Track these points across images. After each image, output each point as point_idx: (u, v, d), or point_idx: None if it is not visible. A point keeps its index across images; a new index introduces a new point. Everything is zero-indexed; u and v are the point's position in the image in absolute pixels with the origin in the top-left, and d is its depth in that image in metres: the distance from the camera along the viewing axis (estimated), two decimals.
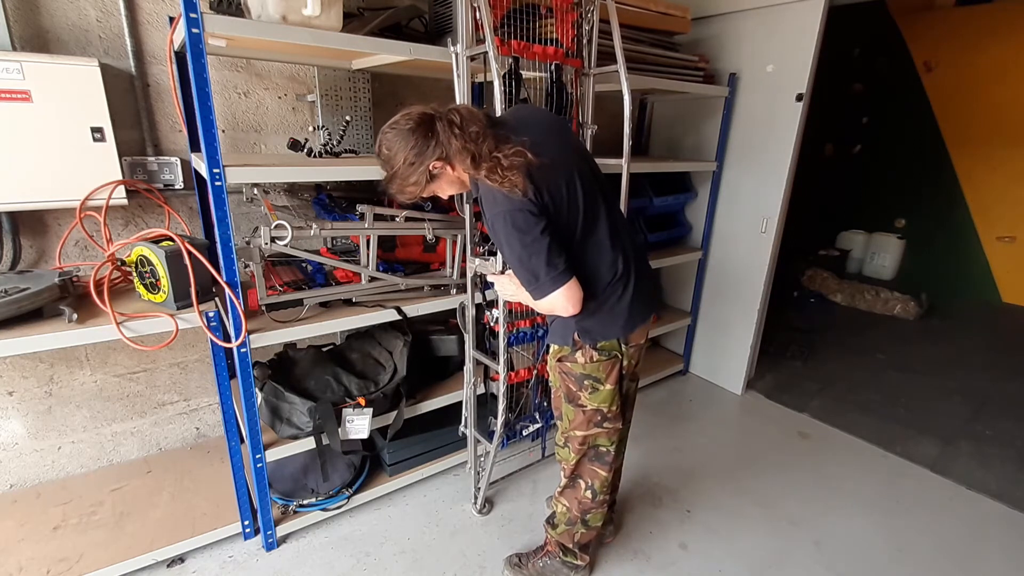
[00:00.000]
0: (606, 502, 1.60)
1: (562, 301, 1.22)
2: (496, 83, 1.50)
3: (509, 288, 1.44)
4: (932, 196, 4.89)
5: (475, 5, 1.51)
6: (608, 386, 1.39)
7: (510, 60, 1.58)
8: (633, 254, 1.37)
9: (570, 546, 1.64)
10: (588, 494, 1.54)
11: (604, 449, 1.51)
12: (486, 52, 1.50)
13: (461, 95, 1.61)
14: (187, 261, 1.38)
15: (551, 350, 1.46)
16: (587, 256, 1.29)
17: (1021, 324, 4.23)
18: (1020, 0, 4.12)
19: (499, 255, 1.63)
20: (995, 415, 2.80)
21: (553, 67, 1.72)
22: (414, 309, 1.83)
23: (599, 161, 1.95)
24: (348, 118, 2.04)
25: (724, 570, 1.78)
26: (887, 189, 5.19)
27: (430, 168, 1.20)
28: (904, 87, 4.90)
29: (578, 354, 1.37)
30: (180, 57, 1.66)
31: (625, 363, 1.42)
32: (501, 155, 1.16)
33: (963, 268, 4.79)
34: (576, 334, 1.35)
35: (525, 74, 1.64)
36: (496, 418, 1.83)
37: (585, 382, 1.39)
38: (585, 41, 1.79)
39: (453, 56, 1.61)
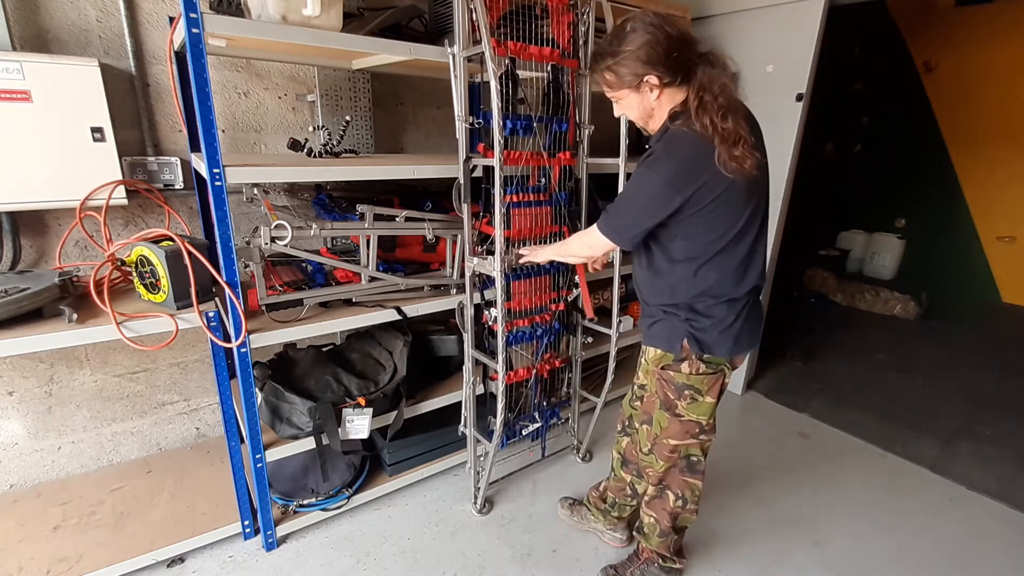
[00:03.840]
0: (696, 509, 1.58)
1: (601, 246, 1.37)
2: (492, 83, 1.50)
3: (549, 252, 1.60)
4: (932, 196, 4.89)
5: (471, 6, 1.51)
6: (709, 399, 1.36)
7: (507, 61, 1.58)
8: (760, 284, 1.36)
9: (667, 555, 1.62)
10: (679, 504, 1.53)
11: (695, 459, 1.50)
12: (482, 53, 1.51)
13: (458, 95, 1.62)
14: (187, 261, 1.38)
15: (651, 354, 1.43)
16: (726, 260, 1.28)
17: (1021, 324, 4.23)
18: (1020, 0, 4.12)
19: (497, 255, 1.64)
20: (995, 415, 2.80)
21: (550, 68, 1.72)
22: (414, 309, 1.83)
23: (596, 161, 1.97)
24: (348, 118, 2.04)
25: (724, 570, 1.78)
26: (887, 189, 5.18)
27: (647, 76, 1.19)
28: (904, 87, 4.90)
29: (684, 364, 1.34)
30: (180, 57, 1.66)
31: (727, 380, 1.39)
32: (727, 115, 1.15)
33: (963, 268, 4.79)
34: (686, 340, 1.32)
35: (522, 74, 1.64)
36: (495, 417, 1.83)
37: (685, 392, 1.36)
38: (581, 42, 1.79)
39: (450, 57, 1.61)
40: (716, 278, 1.28)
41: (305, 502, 1.87)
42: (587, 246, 1.45)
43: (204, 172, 1.38)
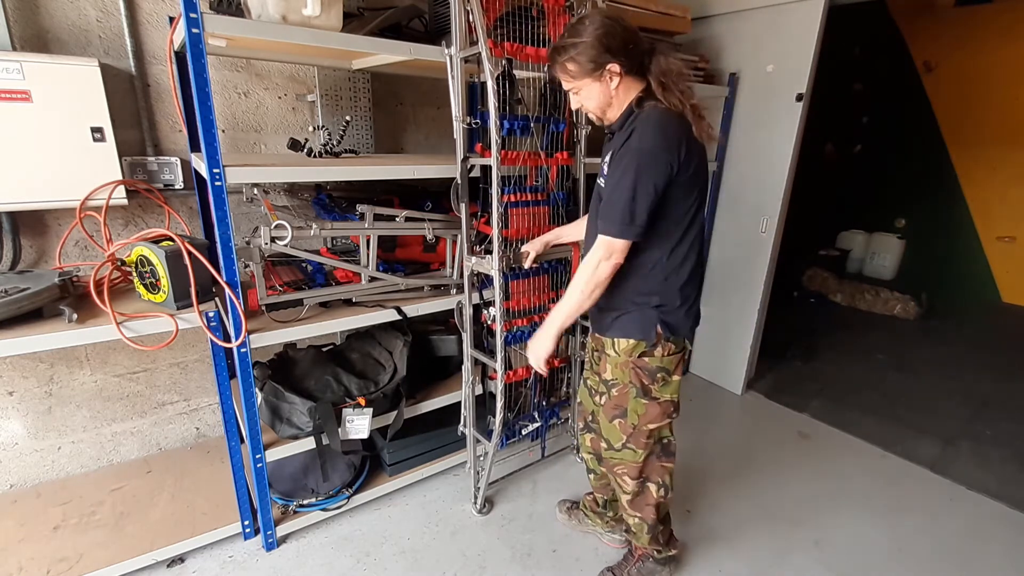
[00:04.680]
0: (672, 490, 1.60)
1: (617, 250, 1.29)
2: (489, 84, 1.51)
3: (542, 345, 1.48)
4: (932, 196, 4.89)
5: (468, 8, 1.52)
6: (676, 377, 1.44)
7: (504, 61, 1.58)
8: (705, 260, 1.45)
9: (661, 548, 1.64)
10: (661, 492, 1.55)
11: (667, 440, 1.54)
12: (479, 54, 1.51)
13: (455, 96, 1.62)
14: (187, 261, 1.38)
15: (621, 345, 1.42)
16: (690, 239, 1.35)
17: (1021, 324, 4.23)
18: (1020, 0, 4.12)
19: (495, 254, 1.64)
20: (995, 415, 2.80)
21: (547, 68, 1.72)
22: (414, 309, 1.83)
23: (593, 161, 1.97)
24: (348, 118, 2.05)
25: (724, 570, 1.78)
26: (887, 189, 5.19)
27: (609, 65, 1.26)
28: (904, 87, 4.90)
29: (658, 349, 1.39)
30: (180, 57, 1.66)
31: (686, 357, 1.48)
32: (689, 96, 1.26)
33: (963, 268, 4.79)
34: (659, 327, 1.37)
35: (519, 74, 1.64)
36: (495, 417, 1.83)
37: (658, 375, 1.41)
38: None
39: (447, 58, 1.61)
40: (682, 257, 1.36)
41: (305, 502, 1.87)
42: (594, 267, 1.32)
43: (204, 172, 1.38)
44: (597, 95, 1.32)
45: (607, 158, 1.35)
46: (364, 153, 2.14)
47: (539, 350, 1.47)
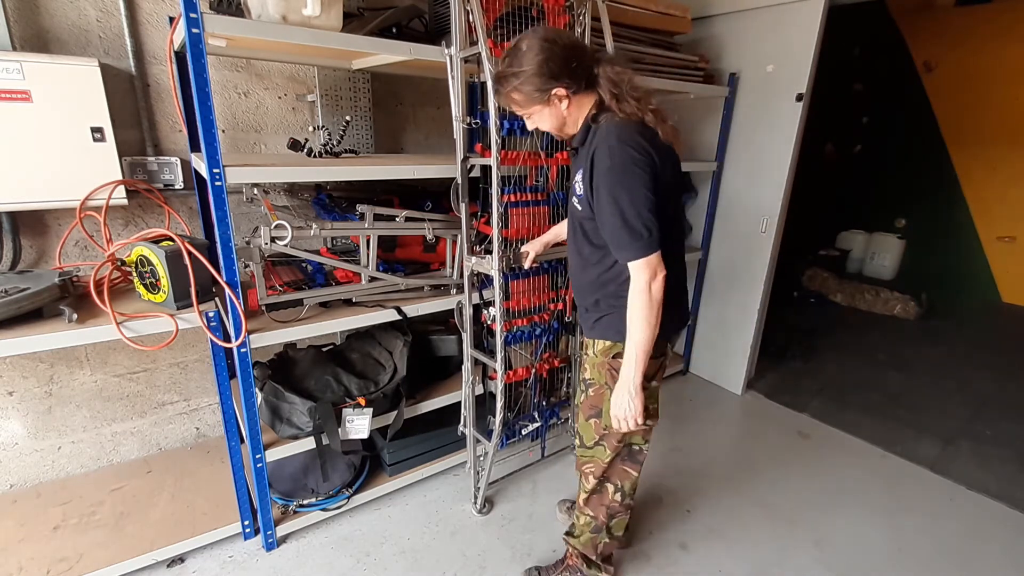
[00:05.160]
0: (631, 506, 1.58)
1: (655, 264, 1.20)
2: (490, 84, 1.50)
3: (622, 400, 1.31)
4: (932, 196, 4.89)
5: (468, 8, 1.52)
6: (654, 383, 1.41)
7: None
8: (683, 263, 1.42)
9: (593, 558, 1.62)
10: (617, 496, 1.53)
11: (637, 447, 1.52)
12: (479, 53, 1.51)
13: (455, 96, 1.62)
14: (187, 261, 1.38)
15: (599, 346, 1.41)
16: (668, 240, 1.29)
17: (1021, 324, 4.23)
18: (1020, 0, 4.12)
19: (495, 254, 1.64)
20: (995, 415, 2.80)
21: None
22: (414, 309, 1.83)
23: None
24: (348, 118, 2.05)
25: (724, 570, 1.78)
26: (887, 189, 5.19)
27: (554, 90, 1.22)
28: (904, 87, 4.90)
29: None
30: (180, 57, 1.66)
31: (664, 362, 1.43)
32: (647, 101, 1.23)
33: (963, 268, 4.80)
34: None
35: None
36: (495, 417, 1.83)
37: None
38: None
39: (447, 58, 1.61)
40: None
41: (305, 502, 1.87)
42: (646, 292, 1.21)
43: (204, 172, 1.38)
44: (549, 118, 1.29)
45: (577, 176, 1.31)
46: (364, 153, 2.14)
47: (626, 407, 1.29)
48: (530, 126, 1.37)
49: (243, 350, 1.52)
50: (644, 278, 1.20)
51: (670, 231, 1.29)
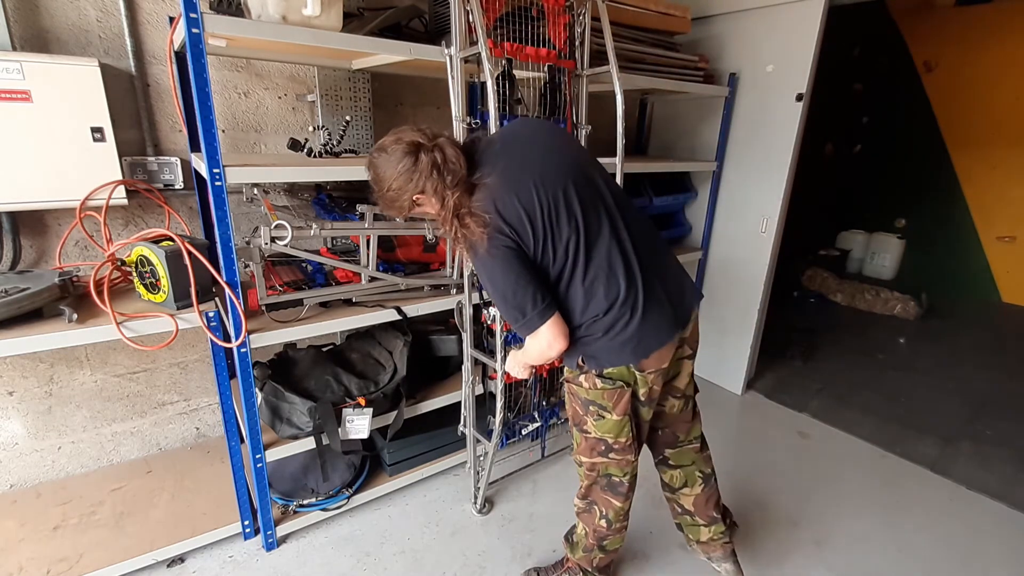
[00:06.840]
0: (624, 528, 1.52)
1: (549, 337, 1.21)
2: (489, 84, 1.51)
3: (515, 364, 1.55)
4: (932, 196, 4.89)
5: (468, 8, 1.52)
6: (615, 416, 1.30)
7: (503, 61, 1.58)
8: (646, 273, 1.25)
9: (589, 569, 1.60)
10: (603, 523, 1.48)
11: (617, 480, 1.42)
12: (479, 54, 1.51)
13: (455, 96, 1.62)
14: (187, 261, 1.38)
15: (566, 369, 1.42)
16: (586, 280, 1.21)
17: (1021, 324, 4.23)
18: (1020, 0, 4.12)
19: None
20: (995, 415, 2.80)
21: (547, 68, 1.72)
22: (414, 309, 1.83)
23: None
24: (348, 118, 2.05)
25: (724, 569, 1.78)
26: (887, 189, 5.18)
27: (413, 198, 1.23)
28: (904, 87, 4.89)
29: (582, 378, 1.32)
30: (180, 57, 1.66)
31: (642, 391, 1.30)
32: (465, 210, 1.18)
33: (963, 268, 4.79)
34: (580, 359, 1.30)
35: (519, 74, 1.64)
36: (495, 417, 1.83)
37: (591, 408, 1.33)
38: (578, 43, 1.80)
39: (447, 58, 1.61)
40: (583, 293, 1.22)
41: (305, 502, 1.87)
42: (551, 343, 1.23)
43: (204, 172, 1.38)
44: (432, 210, 1.26)
45: None
46: (364, 153, 2.14)
47: (516, 371, 1.59)
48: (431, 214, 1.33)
49: (243, 350, 1.52)
50: (537, 345, 1.25)
51: (571, 269, 1.20)
